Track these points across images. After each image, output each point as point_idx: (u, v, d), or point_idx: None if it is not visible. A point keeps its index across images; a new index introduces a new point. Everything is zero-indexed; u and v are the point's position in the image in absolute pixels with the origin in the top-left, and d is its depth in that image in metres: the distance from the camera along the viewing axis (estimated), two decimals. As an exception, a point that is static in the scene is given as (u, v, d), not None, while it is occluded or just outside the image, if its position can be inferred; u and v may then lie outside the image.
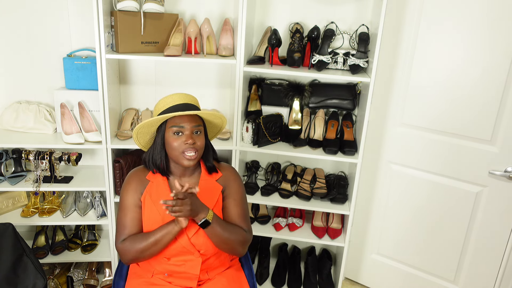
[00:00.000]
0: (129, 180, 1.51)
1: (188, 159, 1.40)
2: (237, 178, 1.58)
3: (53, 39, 2.12)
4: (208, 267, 1.51)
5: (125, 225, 1.46)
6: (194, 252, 1.45)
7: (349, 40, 2.11)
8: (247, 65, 2.01)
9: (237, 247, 1.48)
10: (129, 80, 2.24)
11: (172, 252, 1.44)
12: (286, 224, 2.32)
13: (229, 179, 1.55)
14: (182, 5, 2.12)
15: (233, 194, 1.54)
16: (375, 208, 2.32)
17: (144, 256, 1.42)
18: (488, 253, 2.03)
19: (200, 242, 1.44)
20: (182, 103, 1.43)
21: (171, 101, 1.43)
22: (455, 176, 2.02)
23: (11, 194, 2.22)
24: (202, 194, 1.47)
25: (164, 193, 1.47)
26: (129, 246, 1.42)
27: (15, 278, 1.68)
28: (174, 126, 1.40)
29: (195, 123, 1.41)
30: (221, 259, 1.55)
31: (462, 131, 1.95)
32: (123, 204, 1.48)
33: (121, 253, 1.45)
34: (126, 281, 1.60)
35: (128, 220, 1.46)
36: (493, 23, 1.77)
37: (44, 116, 2.16)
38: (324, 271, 2.39)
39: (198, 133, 1.42)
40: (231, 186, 1.55)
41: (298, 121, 2.19)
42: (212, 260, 1.51)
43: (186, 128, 1.40)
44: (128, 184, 1.50)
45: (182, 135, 1.40)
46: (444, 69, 1.93)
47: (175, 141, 1.40)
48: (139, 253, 1.41)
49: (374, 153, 2.23)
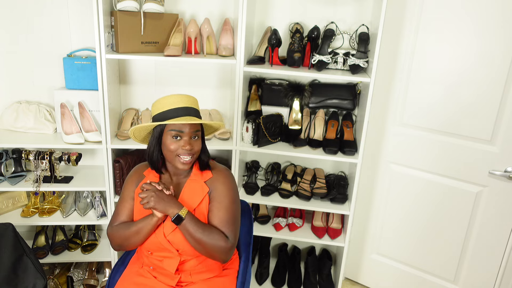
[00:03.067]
0: (131, 173, 1.59)
1: (183, 163, 1.42)
2: (227, 182, 1.51)
3: (53, 39, 2.13)
4: (192, 270, 1.48)
5: (119, 213, 1.53)
6: (172, 250, 1.45)
7: (349, 40, 2.11)
8: (247, 65, 2.01)
9: (214, 252, 1.41)
10: (129, 80, 2.24)
11: (152, 247, 1.48)
12: (286, 224, 2.32)
13: (218, 182, 1.50)
14: (182, 5, 2.12)
15: (218, 197, 1.48)
16: (375, 208, 2.32)
17: (129, 244, 1.48)
18: (488, 253, 2.03)
19: (177, 240, 1.43)
20: (183, 107, 1.42)
21: (171, 103, 1.41)
22: (455, 176, 2.02)
23: (11, 194, 2.22)
24: (186, 194, 1.49)
25: None
26: (116, 232, 1.50)
27: (15, 278, 1.68)
28: (173, 130, 1.40)
29: (194, 129, 1.42)
30: (208, 264, 1.50)
31: (462, 131, 1.95)
32: (122, 194, 1.56)
33: (109, 237, 1.52)
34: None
35: (121, 209, 1.53)
36: (493, 23, 1.77)
37: (44, 116, 2.16)
38: (324, 271, 2.39)
39: (196, 138, 1.43)
40: (218, 189, 1.49)
41: (298, 121, 2.19)
42: (194, 263, 1.48)
43: (185, 134, 1.40)
44: (129, 176, 1.58)
45: (180, 140, 1.41)
46: (444, 69, 1.93)
47: (173, 144, 1.40)
48: (123, 239, 1.48)
49: (374, 153, 2.23)
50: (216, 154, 2.39)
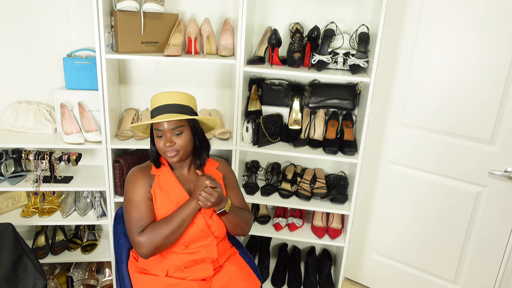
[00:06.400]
0: (134, 177, 1.52)
1: (170, 157, 1.47)
2: (230, 167, 1.71)
3: (53, 39, 2.12)
4: (219, 252, 1.56)
5: (142, 216, 1.46)
6: (209, 235, 1.51)
7: (349, 40, 2.11)
8: (247, 65, 2.01)
9: (245, 228, 1.62)
10: (129, 80, 2.24)
11: (189, 239, 1.48)
12: (286, 224, 2.32)
13: (225, 168, 1.67)
14: (182, 5, 2.12)
15: (231, 182, 1.66)
16: (375, 208, 2.32)
17: (170, 241, 1.44)
18: (488, 253, 2.03)
19: (215, 224, 1.52)
20: (165, 105, 1.46)
21: (157, 101, 1.48)
22: (455, 176, 2.02)
23: (11, 194, 2.22)
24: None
25: (173, 183, 1.53)
26: (153, 235, 1.42)
27: (15, 278, 1.68)
28: (156, 129, 1.46)
29: (173, 126, 1.44)
30: (225, 243, 1.63)
31: (462, 131, 1.95)
32: (133, 200, 1.49)
33: (142, 245, 1.42)
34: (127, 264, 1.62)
35: (143, 212, 1.47)
36: (493, 23, 1.77)
37: (44, 116, 2.16)
38: (324, 271, 2.39)
39: (179, 134, 1.46)
40: (229, 174, 1.66)
41: (298, 121, 2.19)
42: (221, 244, 1.59)
43: (165, 131, 1.45)
44: (133, 181, 1.51)
45: (163, 137, 1.46)
46: (444, 69, 1.93)
47: (158, 142, 1.48)
48: (164, 238, 1.42)
49: (374, 153, 2.23)
50: (216, 154, 2.39)
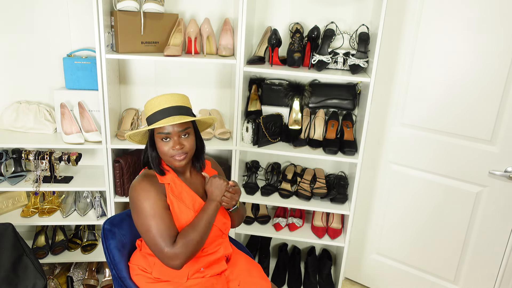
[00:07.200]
0: (145, 189, 1.41)
1: (179, 160, 1.41)
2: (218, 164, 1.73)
3: (53, 39, 2.13)
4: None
5: (168, 227, 1.38)
6: (223, 233, 1.56)
7: (349, 40, 2.11)
8: (247, 65, 2.01)
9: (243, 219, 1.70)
10: (129, 80, 2.24)
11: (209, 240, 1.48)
12: (286, 224, 2.32)
13: (216, 165, 1.68)
14: (182, 5, 2.12)
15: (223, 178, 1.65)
16: (375, 208, 2.32)
17: (200, 247, 1.41)
18: (488, 253, 2.03)
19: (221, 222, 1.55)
20: (169, 107, 1.40)
21: (158, 105, 1.40)
22: (455, 176, 2.02)
23: (11, 194, 2.22)
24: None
25: (184, 189, 1.48)
26: (188, 243, 1.36)
27: (15, 278, 1.69)
28: (161, 133, 1.38)
29: (181, 128, 1.39)
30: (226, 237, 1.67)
31: (462, 131, 1.95)
32: (152, 213, 1.38)
33: (178, 256, 1.35)
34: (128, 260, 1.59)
35: (168, 222, 1.39)
36: (493, 23, 1.77)
37: (44, 116, 2.16)
38: (324, 271, 2.39)
39: (186, 136, 1.41)
40: (220, 171, 1.70)
41: (298, 121, 2.19)
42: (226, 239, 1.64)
43: (173, 134, 1.38)
44: (146, 193, 1.40)
45: (170, 141, 1.39)
46: (444, 69, 1.93)
47: (164, 147, 1.40)
48: (196, 244, 1.38)
49: (374, 153, 2.23)
50: (216, 154, 2.39)
